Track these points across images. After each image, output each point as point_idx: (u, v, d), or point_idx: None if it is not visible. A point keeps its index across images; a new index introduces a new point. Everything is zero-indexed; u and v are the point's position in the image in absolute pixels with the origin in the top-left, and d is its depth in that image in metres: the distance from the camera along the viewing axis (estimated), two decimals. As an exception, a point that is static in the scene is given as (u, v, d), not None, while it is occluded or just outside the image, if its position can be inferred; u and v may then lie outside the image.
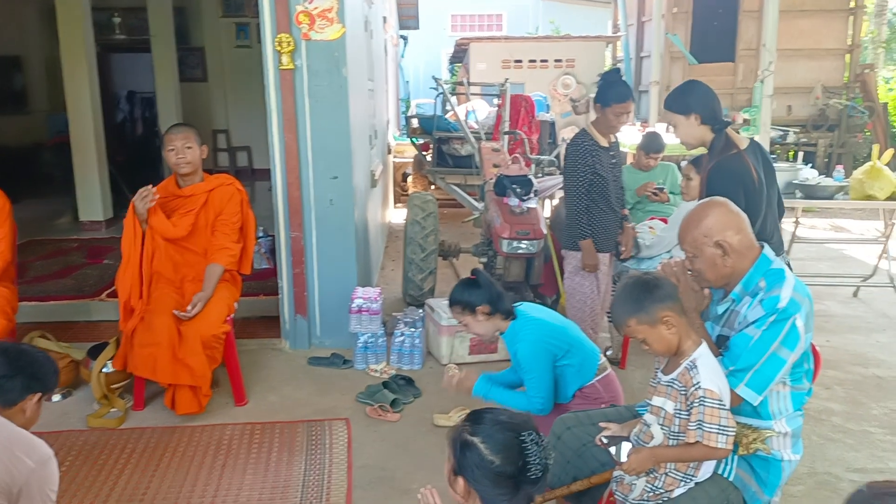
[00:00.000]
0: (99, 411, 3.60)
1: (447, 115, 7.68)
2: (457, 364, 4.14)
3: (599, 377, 2.94)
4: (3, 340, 3.50)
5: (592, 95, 9.85)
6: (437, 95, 7.56)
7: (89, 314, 4.98)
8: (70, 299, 5.15)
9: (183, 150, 3.65)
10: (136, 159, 9.63)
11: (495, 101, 7.96)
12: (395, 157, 9.49)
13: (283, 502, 2.95)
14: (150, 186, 3.59)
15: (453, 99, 7.26)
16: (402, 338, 4.22)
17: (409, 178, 8.96)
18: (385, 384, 3.89)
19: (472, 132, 6.17)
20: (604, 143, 3.80)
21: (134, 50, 10.51)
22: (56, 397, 3.78)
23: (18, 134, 10.09)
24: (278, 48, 4.01)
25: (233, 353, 3.76)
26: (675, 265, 2.23)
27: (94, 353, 3.71)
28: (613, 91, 3.69)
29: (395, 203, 9.29)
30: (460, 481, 1.60)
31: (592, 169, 3.73)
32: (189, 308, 3.50)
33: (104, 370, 3.61)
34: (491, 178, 4.97)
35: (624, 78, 4.05)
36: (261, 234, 5.34)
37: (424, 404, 3.82)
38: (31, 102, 10.78)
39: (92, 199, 7.40)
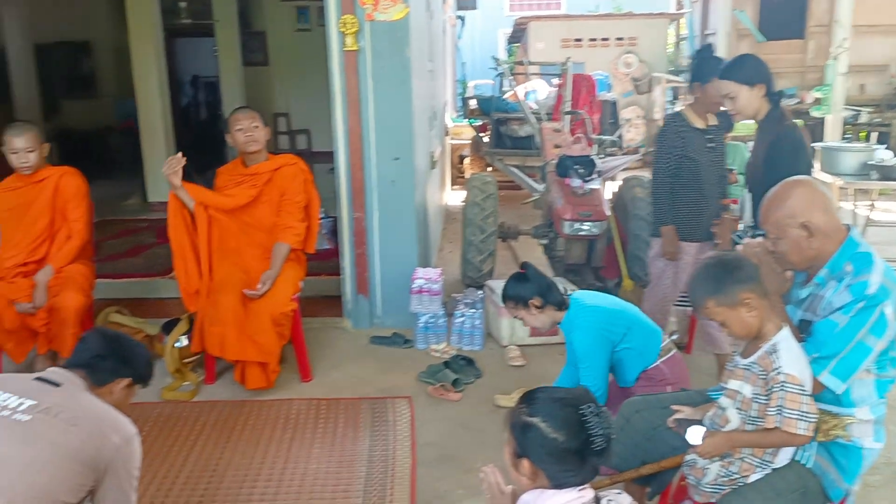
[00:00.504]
0: (172, 384, 3.72)
1: (506, 96, 7.63)
2: (517, 346, 4.17)
3: (664, 358, 2.90)
4: (83, 313, 3.66)
5: (655, 74, 9.64)
6: (496, 76, 7.52)
7: (159, 292, 5.14)
8: (141, 277, 5.33)
9: (251, 129, 3.72)
10: (200, 143, 9.85)
11: (555, 81, 7.87)
12: (451, 139, 9.48)
13: (350, 476, 3.01)
14: (178, 154, 3.64)
15: (512, 79, 7.19)
16: (462, 319, 4.23)
17: (466, 160, 8.94)
18: (446, 364, 3.91)
19: (531, 112, 6.11)
20: (699, 124, 3.56)
21: (198, 34, 10.71)
22: (131, 371, 3.92)
23: (88, 118, 10.43)
24: (342, 29, 4.03)
25: (299, 330, 3.83)
26: (757, 246, 2.16)
27: (168, 328, 3.83)
28: (711, 66, 3.41)
29: (452, 185, 9.29)
30: (524, 463, 1.59)
31: (682, 152, 3.53)
32: (259, 286, 3.57)
33: (177, 345, 3.72)
34: (552, 159, 4.92)
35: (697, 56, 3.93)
36: (322, 216, 5.40)
37: (486, 384, 3.84)
38: (99, 87, 11.12)
39: (159, 182, 7.57)
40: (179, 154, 3.66)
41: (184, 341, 3.76)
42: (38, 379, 1.92)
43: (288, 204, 3.81)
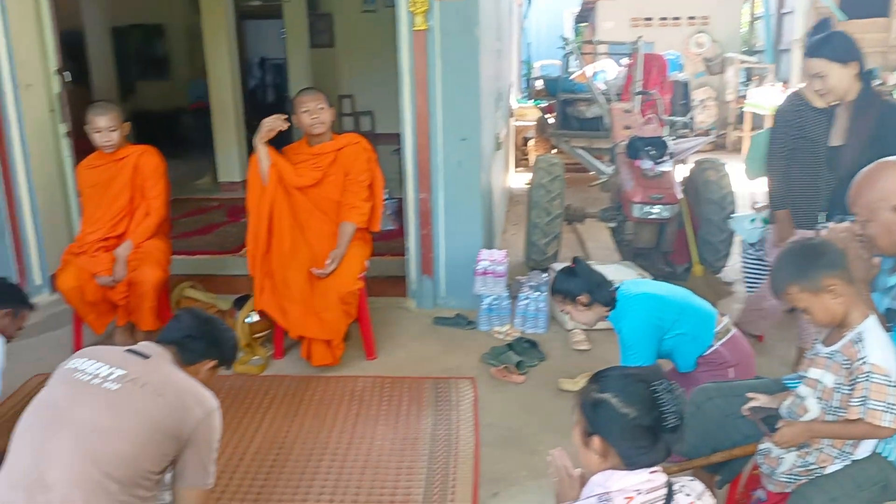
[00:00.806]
0: (242, 358, 3.82)
1: (573, 77, 7.51)
2: (582, 330, 4.13)
3: (721, 341, 2.83)
4: (160, 287, 3.78)
5: (728, 55, 9.32)
6: (564, 56, 7.40)
7: (229, 269, 5.26)
8: (212, 254, 5.48)
9: (316, 111, 3.75)
10: (268, 124, 10.01)
11: (623, 61, 7.70)
12: (516, 120, 9.40)
13: (413, 454, 3.04)
14: (283, 116, 3.67)
15: (580, 59, 7.06)
16: (526, 301, 4.21)
17: (531, 142, 8.86)
18: (510, 346, 3.91)
19: (600, 93, 6.00)
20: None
21: (266, 17, 10.88)
22: (203, 344, 4.04)
23: (161, 99, 10.75)
24: (412, 9, 4.02)
25: (365, 309, 3.88)
26: (843, 230, 2.08)
27: (239, 303, 3.93)
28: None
29: (516, 168, 9.22)
30: (595, 440, 1.58)
31: (799, 132, 3.28)
32: (327, 263, 3.63)
33: (248, 320, 3.82)
34: (622, 140, 4.83)
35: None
36: (386, 197, 5.44)
37: (549, 368, 3.81)
38: (172, 69, 11.44)
39: (230, 162, 7.80)
40: (284, 117, 3.68)
41: (254, 317, 3.85)
42: (129, 351, 1.98)
43: (352, 183, 3.84)
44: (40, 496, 1.73)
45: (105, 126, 3.73)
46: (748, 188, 5.66)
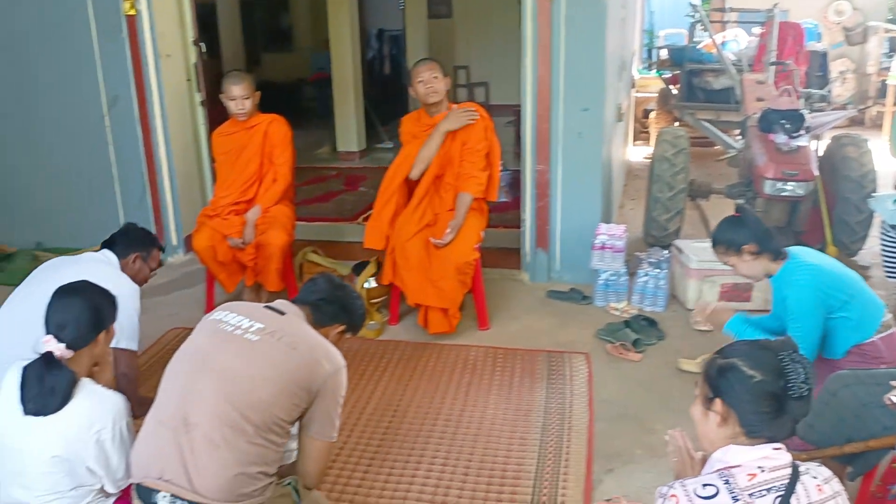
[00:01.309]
0: (361, 322, 3.92)
1: (700, 46, 7.16)
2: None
3: (882, 335, 2.63)
4: (285, 250, 3.93)
5: (871, 23, 8.63)
6: (692, 24, 7.06)
7: (345, 235, 5.41)
8: (330, 221, 5.65)
9: (430, 81, 3.76)
10: (385, 95, 10.17)
11: (755, 29, 7.27)
12: (636, 91, 9.08)
13: (526, 425, 3.04)
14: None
15: (709, 28, 6.71)
16: (645, 278, 4.09)
17: (652, 114, 8.54)
18: (627, 323, 3.82)
19: (731, 63, 5.69)
20: None
21: (385, -13, 10.97)
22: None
23: (284, 70, 11.09)
24: (538, -25, 3.94)
25: (479, 280, 3.89)
26: None
27: (358, 269, 4.03)
28: None
29: (634, 141, 8.94)
30: (717, 403, 1.54)
31: None
32: (446, 233, 3.65)
33: (366, 285, 3.92)
34: (754, 113, 4.57)
35: None
36: (500, 169, 5.41)
37: (668, 347, 3.70)
38: (295, 41, 11.77)
39: (348, 132, 7.98)
40: (475, 111, 3.75)
41: (372, 282, 3.94)
42: (267, 307, 2.09)
43: (470, 153, 3.83)
44: (184, 433, 1.86)
45: (240, 94, 3.89)
46: (890, 166, 5.26)
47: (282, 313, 2.07)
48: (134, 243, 2.92)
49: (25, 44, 4.78)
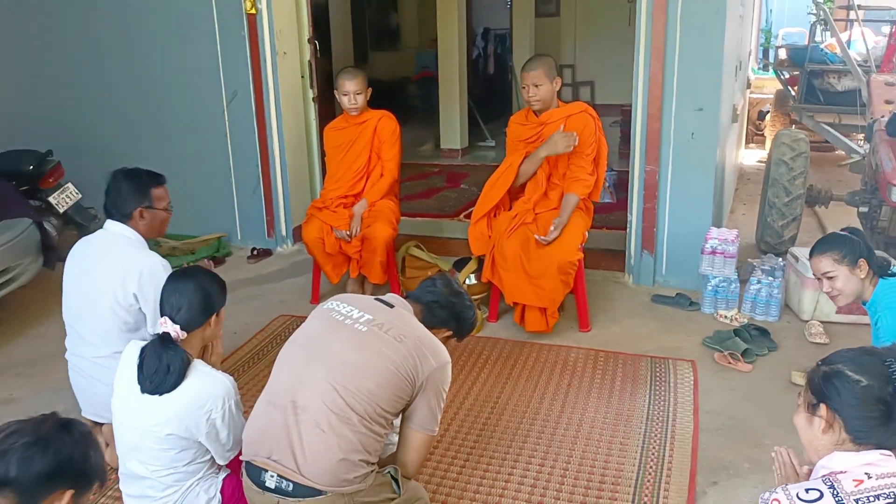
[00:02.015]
0: (459, 318, 3.94)
1: (823, 46, 6.78)
2: (821, 322, 3.77)
3: None
4: (389, 243, 3.99)
5: None
6: (814, 22, 6.70)
7: (447, 232, 5.46)
8: (432, 217, 5.70)
9: (532, 89, 3.69)
10: (489, 94, 10.19)
11: (884, 29, 6.84)
12: (751, 92, 8.71)
13: (628, 429, 2.98)
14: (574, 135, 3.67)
15: (833, 27, 6.35)
16: (758, 286, 3.92)
17: (767, 117, 8.17)
18: (736, 332, 3.66)
19: (858, 64, 5.37)
20: None
21: (493, -13, 10.99)
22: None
23: (391, 69, 11.29)
24: (655, -29, 3.83)
25: (582, 281, 3.83)
26: None
27: (459, 265, 4.06)
28: None
29: (746, 143, 8.58)
30: (822, 408, 1.50)
31: None
32: (550, 230, 3.62)
33: (466, 282, 3.93)
34: (882, 116, 4.30)
35: None
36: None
37: (780, 359, 3.53)
38: (402, 40, 11.96)
39: (452, 129, 8.04)
40: (575, 137, 3.67)
41: (472, 279, 3.96)
42: (377, 299, 2.13)
43: (578, 156, 3.77)
44: (293, 416, 1.93)
45: (353, 90, 3.99)
46: None
47: (391, 306, 2.11)
48: (128, 199, 2.64)
49: (153, 41, 5.08)
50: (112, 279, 2.58)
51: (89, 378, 2.70)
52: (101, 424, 2.79)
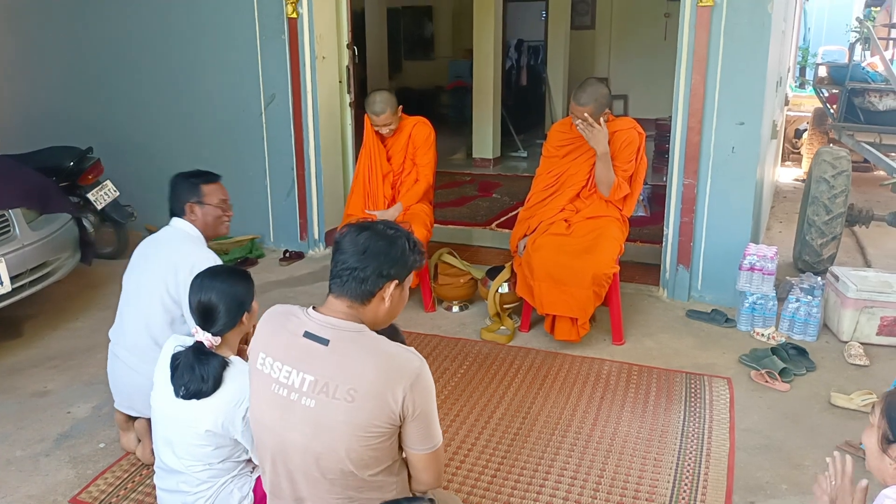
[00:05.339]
0: (491, 326, 3.92)
1: (864, 64, 6.67)
2: (861, 343, 3.69)
3: None
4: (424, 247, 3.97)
5: None
6: (856, 40, 6.61)
7: (478, 240, 5.45)
8: (464, 225, 5.69)
9: (580, 118, 3.59)
10: (522, 105, 10.19)
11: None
12: (789, 110, 8.61)
13: (662, 446, 2.92)
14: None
15: (876, 45, 6.25)
16: (797, 304, 3.84)
17: (804, 135, 8.06)
18: (773, 350, 3.60)
19: (901, 82, 5.27)
20: None
21: (529, -1, 11.01)
22: (455, 308, 4.22)
23: (424, 78, 11.37)
24: (699, -17, 3.80)
25: (616, 293, 3.79)
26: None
27: (492, 274, 4.04)
28: None
29: (783, 161, 8.47)
30: None
31: None
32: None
33: (500, 290, 3.91)
34: (928, 136, 4.20)
35: None
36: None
37: (818, 379, 3.46)
38: (436, 49, 12.03)
39: (484, 139, 8.04)
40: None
41: (505, 288, 3.93)
42: (308, 336, 1.71)
43: (617, 171, 3.72)
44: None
45: (381, 123, 4.02)
46: None
47: (326, 342, 1.69)
48: (180, 195, 2.75)
49: (195, 43, 5.15)
50: (165, 270, 2.64)
51: (128, 369, 2.72)
52: (135, 419, 2.80)
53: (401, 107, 4.10)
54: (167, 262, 2.64)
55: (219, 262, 2.63)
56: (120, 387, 2.80)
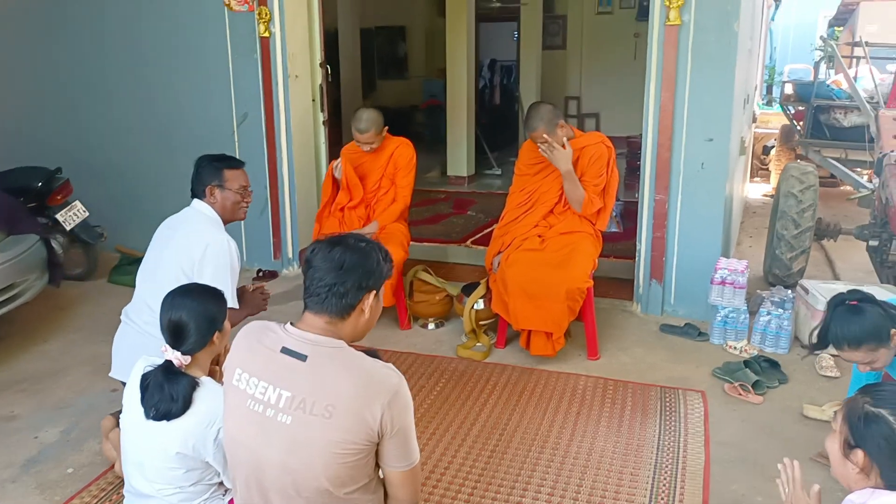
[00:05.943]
0: (467, 343, 3.92)
1: (830, 81, 6.84)
2: (832, 355, 3.73)
3: None
4: (399, 266, 3.97)
5: None
6: (820, 59, 6.78)
7: (453, 257, 5.44)
8: (439, 242, 5.69)
9: (541, 138, 3.67)
10: (496, 123, 10.26)
11: (889, 66, 6.92)
12: (756, 127, 8.78)
13: (638, 460, 2.93)
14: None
15: (840, 63, 6.41)
16: (768, 318, 3.89)
17: (772, 151, 8.22)
18: (746, 363, 3.63)
19: (865, 100, 5.41)
20: None
21: (501, 19, 11.13)
22: (431, 326, 4.21)
23: (399, 97, 11.39)
24: (667, 3, 3.86)
25: (591, 308, 3.81)
26: None
27: (468, 290, 4.04)
28: None
29: (752, 177, 8.62)
30: (859, 454, 1.47)
31: None
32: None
33: (475, 307, 3.91)
34: (892, 151, 4.31)
35: None
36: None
37: (790, 391, 3.50)
38: (410, 69, 12.09)
39: (459, 157, 8.08)
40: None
41: (481, 304, 3.93)
42: (286, 352, 1.69)
43: (586, 184, 3.77)
44: None
45: (365, 141, 4.06)
46: None
47: (303, 357, 1.68)
48: (203, 177, 2.85)
49: (165, 61, 5.11)
50: (183, 247, 2.72)
51: (133, 346, 2.70)
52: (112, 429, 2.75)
53: (386, 127, 4.11)
54: (184, 241, 2.73)
55: (233, 243, 2.78)
56: (124, 350, 2.78)
